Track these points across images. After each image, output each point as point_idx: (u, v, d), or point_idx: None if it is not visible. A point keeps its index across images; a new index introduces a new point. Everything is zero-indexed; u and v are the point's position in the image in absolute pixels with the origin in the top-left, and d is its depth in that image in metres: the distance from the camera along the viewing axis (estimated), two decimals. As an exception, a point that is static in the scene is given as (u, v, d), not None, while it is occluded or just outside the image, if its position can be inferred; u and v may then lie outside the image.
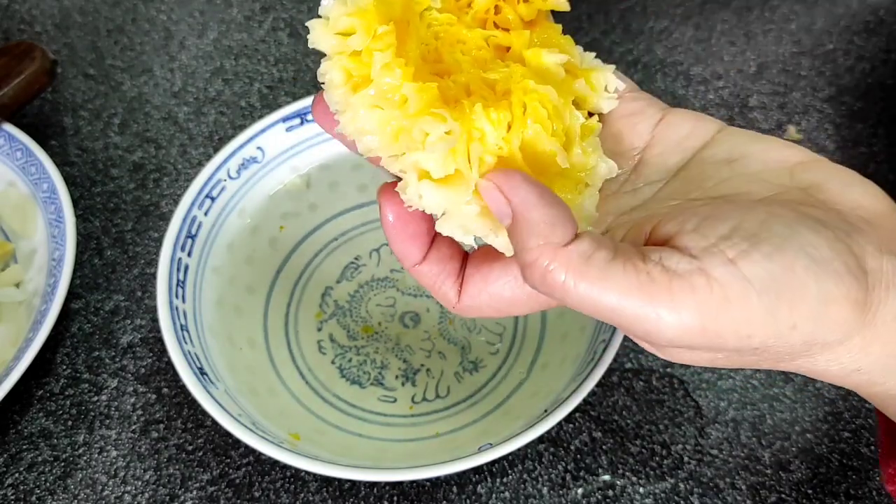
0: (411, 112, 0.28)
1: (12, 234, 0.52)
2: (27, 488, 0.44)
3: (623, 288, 0.27)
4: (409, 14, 0.31)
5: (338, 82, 0.29)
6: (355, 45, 0.29)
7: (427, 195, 0.29)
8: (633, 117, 0.36)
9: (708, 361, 0.29)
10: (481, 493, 0.43)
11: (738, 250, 0.27)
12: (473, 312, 0.33)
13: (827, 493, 0.43)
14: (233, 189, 0.49)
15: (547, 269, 0.27)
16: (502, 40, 0.33)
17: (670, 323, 0.26)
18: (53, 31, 0.66)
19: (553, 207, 0.28)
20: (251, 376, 0.45)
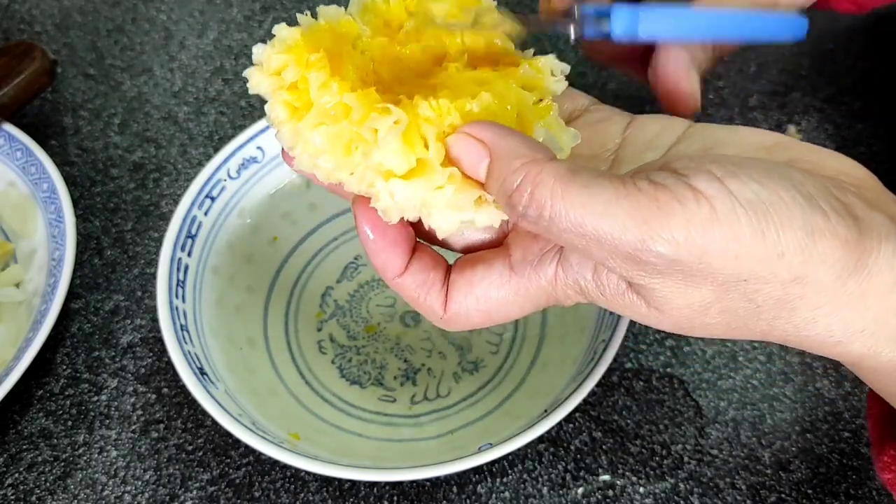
0: (357, 118, 0.28)
1: (12, 234, 0.52)
2: (27, 488, 0.44)
3: (609, 197, 0.26)
4: (341, 45, 0.31)
5: (283, 117, 0.29)
6: (290, 77, 0.29)
7: (399, 192, 0.29)
8: (600, 124, 0.36)
9: (702, 309, 0.28)
10: (481, 493, 0.43)
11: (726, 170, 0.26)
12: (462, 322, 0.32)
13: (827, 493, 0.43)
14: (233, 189, 0.49)
15: (535, 183, 0.26)
16: (438, 48, 0.33)
17: (658, 233, 0.26)
18: (53, 31, 0.66)
19: (530, 139, 0.28)
20: (251, 376, 0.45)
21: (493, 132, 0.28)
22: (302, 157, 0.29)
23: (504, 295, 0.31)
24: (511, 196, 0.27)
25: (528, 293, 0.31)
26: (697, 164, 0.27)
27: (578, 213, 0.26)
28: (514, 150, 0.27)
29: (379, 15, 0.33)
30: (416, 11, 0.33)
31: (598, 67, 0.63)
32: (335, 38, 0.31)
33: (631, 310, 0.29)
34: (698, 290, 0.27)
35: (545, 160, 0.27)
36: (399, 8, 0.33)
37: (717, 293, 0.27)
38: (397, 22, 0.33)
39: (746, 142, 0.32)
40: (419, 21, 0.33)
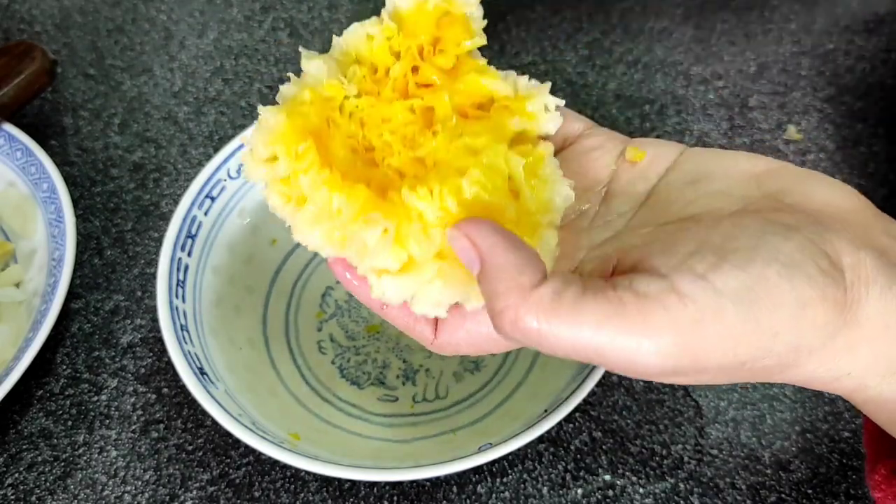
0: (346, 220, 0.29)
1: (12, 234, 0.52)
2: (27, 488, 0.44)
3: (596, 320, 0.26)
4: (328, 113, 0.32)
5: (279, 206, 0.31)
6: (282, 171, 0.30)
7: (391, 290, 0.30)
8: (594, 152, 0.36)
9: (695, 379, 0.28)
10: (481, 493, 0.43)
11: (707, 264, 0.26)
12: (451, 349, 0.32)
13: (827, 493, 0.43)
14: (233, 189, 0.49)
15: (518, 313, 0.27)
16: (426, 102, 0.33)
17: (649, 349, 0.26)
18: (53, 31, 0.66)
19: (520, 251, 0.28)
20: (251, 376, 0.45)
21: (489, 244, 0.28)
22: (301, 240, 0.31)
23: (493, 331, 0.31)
24: (495, 317, 0.27)
25: None
26: (678, 261, 0.27)
27: (567, 341, 0.26)
28: (503, 272, 0.27)
29: (363, 61, 0.33)
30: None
31: (600, 68, 0.63)
32: (321, 106, 0.31)
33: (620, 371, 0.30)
34: (698, 375, 0.28)
35: (529, 288, 0.27)
36: (383, 51, 0.33)
37: (714, 374, 0.28)
38: (383, 66, 0.33)
39: (736, 171, 0.32)
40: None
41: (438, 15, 0.33)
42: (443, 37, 0.33)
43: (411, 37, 0.33)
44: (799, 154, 0.57)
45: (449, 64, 0.33)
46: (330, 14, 0.67)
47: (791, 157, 0.57)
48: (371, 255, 0.29)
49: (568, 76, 0.62)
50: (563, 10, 0.67)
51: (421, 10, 0.33)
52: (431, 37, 0.33)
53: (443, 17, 0.33)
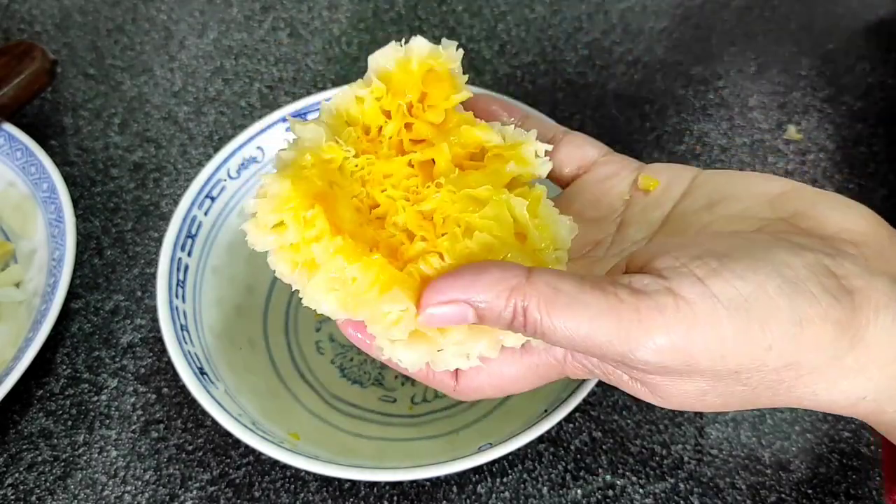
0: (363, 290, 0.30)
1: (12, 234, 0.52)
2: (27, 488, 0.44)
3: (593, 312, 0.26)
4: (330, 176, 0.32)
5: (288, 273, 0.31)
6: (291, 239, 0.30)
7: (405, 357, 0.30)
8: (608, 181, 0.36)
9: (699, 395, 0.28)
10: (481, 493, 0.43)
11: (708, 269, 0.26)
12: (475, 394, 0.32)
13: (827, 492, 0.43)
14: (233, 189, 0.49)
15: (525, 309, 0.27)
16: (424, 155, 0.34)
17: (641, 343, 0.26)
18: (53, 31, 0.66)
19: (490, 265, 0.28)
20: (251, 376, 0.45)
21: (462, 283, 0.28)
22: (312, 305, 0.31)
23: (515, 371, 0.32)
24: (511, 324, 0.28)
25: (538, 370, 0.32)
26: (680, 264, 0.27)
27: (566, 329, 0.27)
28: (492, 286, 0.28)
29: (355, 122, 0.34)
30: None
31: (600, 68, 0.63)
32: (322, 169, 0.32)
33: (636, 393, 0.30)
34: (692, 382, 0.28)
35: (524, 283, 0.27)
36: (374, 110, 0.34)
37: (710, 383, 0.28)
38: (375, 125, 0.34)
39: (751, 193, 0.32)
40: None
41: (423, 72, 0.34)
42: (430, 92, 0.34)
43: (400, 95, 0.34)
44: (799, 154, 0.57)
45: (439, 119, 0.34)
46: (330, 14, 0.67)
47: (791, 157, 0.57)
48: (390, 330, 0.29)
49: (568, 76, 0.62)
50: (563, 10, 0.67)
51: (406, 69, 0.34)
52: (419, 93, 0.34)
53: (428, 74, 0.34)
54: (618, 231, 0.34)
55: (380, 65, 0.34)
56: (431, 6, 0.67)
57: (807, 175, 0.56)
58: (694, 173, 0.34)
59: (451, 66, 0.34)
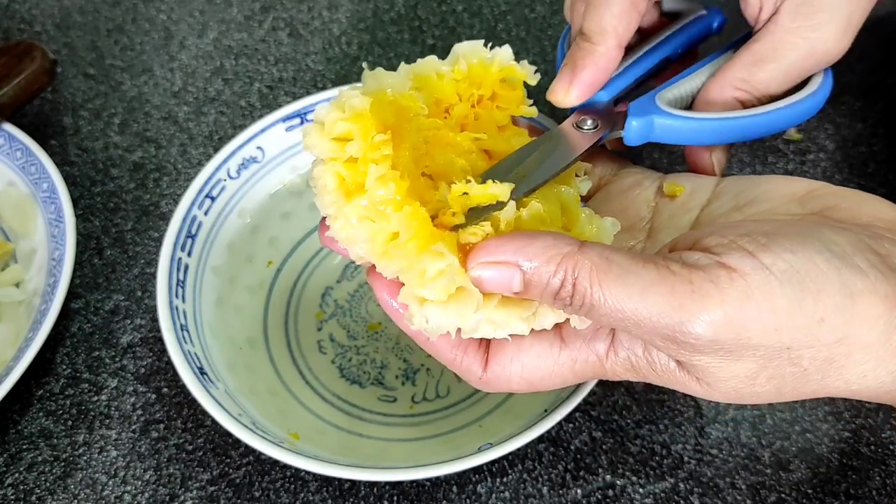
0: (402, 241, 0.28)
1: (12, 233, 0.52)
2: (27, 488, 0.44)
3: (645, 283, 0.26)
4: (402, 119, 0.31)
5: (331, 188, 0.29)
6: (353, 151, 0.29)
7: (434, 318, 0.28)
8: (631, 191, 0.36)
9: (749, 379, 0.28)
10: (481, 493, 0.43)
11: (758, 244, 0.26)
12: (501, 385, 0.31)
13: (827, 492, 0.43)
14: (233, 189, 0.49)
15: (575, 279, 0.26)
16: (486, 144, 0.34)
17: (695, 315, 0.26)
18: (53, 31, 0.66)
19: (544, 233, 0.28)
20: (251, 376, 0.45)
21: (514, 245, 0.27)
22: (339, 232, 0.30)
23: (551, 366, 0.31)
24: (557, 294, 0.27)
25: (575, 366, 0.31)
26: (729, 241, 0.27)
27: (616, 300, 0.26)
28: (544, 251, 0.27)
29: (431, 91, 0.34)
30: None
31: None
32: (398, 111, 0.31)
33: (682, 386, 0.29)
34: (742, 362, 0.27)
35: (576, 251, 0.27)
36: (451, 88, 0.34)
37: (761, 363, 0.27)
38: (447, 102, 0.34)
39: (778, 194, 0.32)
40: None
41: (500, 77, 0.35)
42: (502, 96, 0.35)
43: (475, 86, 0.35)
44: (799, 154, 0.57)
45: (504, 121, 0.35)
46: (330, 14, 0.67)
47: (791, 157, 0.57)
48: (428, 287, 0.28)
49: (568, 76, 0.62)
50: (563, 10, 0.66)
51: (486, 68, 0.35)
52: (491, 92, 0.35)
53: (503, 81, 0.36)
54: (648, 237, 0.34)
55: (466, 53, 0.35)
56: (431, 6, 0.67)
57: (807, 175, 0.56)
58: (716, 179, 0.34)
59: (528, 80, 0.36)
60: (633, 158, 0.57)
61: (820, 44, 0.37)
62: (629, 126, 0.37)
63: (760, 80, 0.37)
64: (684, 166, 0.56)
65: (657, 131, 0.37)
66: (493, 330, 0.29)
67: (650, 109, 0.37)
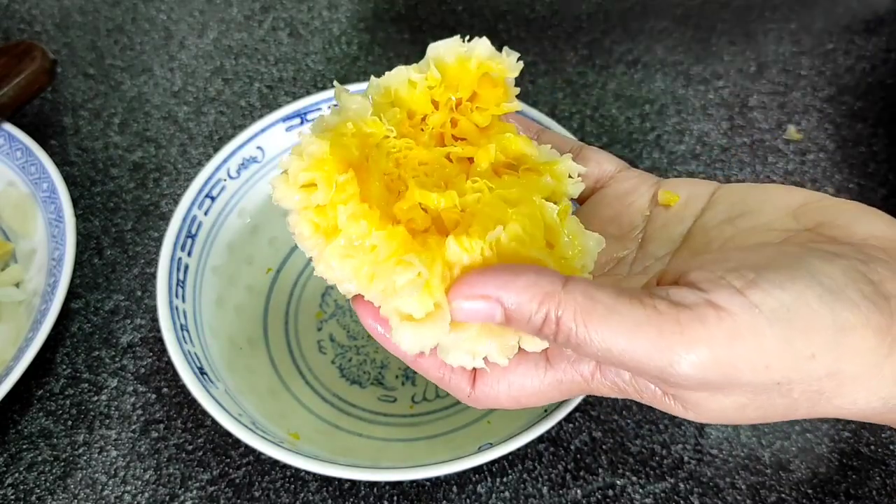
0: (381, 259, 0.29)
1: (12, 233, 0.52)
2: (27, 488, 0.44)
3: (631, 324, 0.26)
4: (367, 150, 0.31)
5: (307, 235, 0.30)
6: (318, 200, 0.29)
7: (408, 337, 0.29)
8: (627, 196, 0.36)
9: (737, 410, 0.28)
10: (481, 493, 0.43)
11: (745, 280, 0.26)
12: (490, 402, 0.31)
13: (827, 492, 0.43)
14: (233, 189, 0.49)
15: (559, 318, 0.26)
16: (463, 153, 0.33)
17: (682, 357, 0.25)
18: (53, 31, 0.66)
19: (527, 268, 0.27)
20: (251, 376, 0.45)
21: (497, 281, 0.27)
22: (324, 273, 0.30)
23: (537, 385, 0.31)
24: (540, 330, 0.27)
25: (561, 386, 0.31)
26: (717, 276, 0.26)
27: (602, 340, 0.26)
28: (526, 289, 0.27)
29: (402, 105, 0.33)
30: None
31: (600, 67, 0.63)
32: (361, 140, 0.31)
33: (670, 410, 0.29)
34: (731, 397, 0.27)
35: (559, 290, 0.26)
36: (424, 98, 0.33)
37: (750, 397, 0.27)
38: (421, 113, 0.34)
39: (773, 206, 0.31)
40: None
41: (480, 73, 0.34)
42: (482, 95, 0.34)
43: (452, 89, 0.34)
44: (799, 154, 0.57)
45: (486, 122, 0.34)
46: (330, 14, 0.67)
47: (791, 157, 0.57)
48: (399, 296, 0.28)
49: (568, 76, 0.62)
50: (563, 10, 0.67)
51: (464, 66, 0.34)
52: (471, 92, 0.34)
53: (483, 77, 0.34)
54: (640, 247, 0.34)
55: (439, 54, 0.34)
56: (431, 6, 0.67)
57: (807, 175, 0.56)
58: (713, 188, 0.34)
59: (508, 74, 0.34)
60: (632, 159, 0.57)
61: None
62: None
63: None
64: (684, 166, 0.56)
65: None
66: (471, 359, 0.30)
67: None
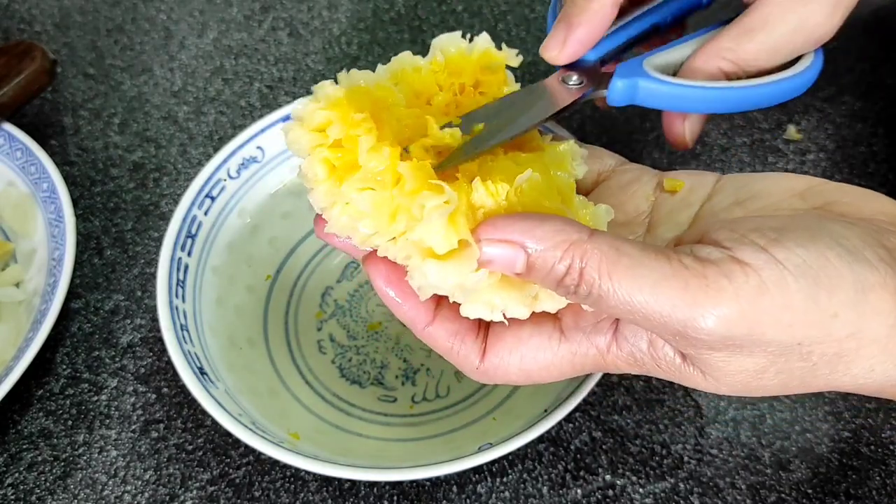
0: (408, 189, 0.27)
1: (12, 233, 0.52)
2: (27, 488, 0.44)
3: (657, 277, 0.25)
4: (380, 108, 0.31)
5: (322, 176, 0.28)
6: (335, 134, 0.28)
7: (433, 274, 0.27)
8: (629, 186, 0.36)
9: (755, 374, 0.27)
10: (481, 493, 0.43)
11: (769, 239, 0.26)
12: (499, 376, 0.31)
13: (827, 492, 0.43)
14: (233, 189, 0.49)
15: (582, 269, 0.26)
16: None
17: (709, 311, 0.25)
18: (53, 31, 0.66)
19: (554, 216, 0.27)
20: (251, 376, 0.45)
21: (523, 226, 0.27)
22: (339, 219, 0.28)
23: (550, 358, 0.30)
24: (561, 281, 0.27)
25: (574, 359, 0.30)
26: (740, 235, 0.26)
27: (626, 293, 0.26)
28: (552, 236, 0.26)
29: (409, 84, 0.34)
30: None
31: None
32: (374, 101, 0.31)
33: (688, 380, 0.29)
34: (752, 358, 0.27)
35: (585, 239, 0.26)
36: (430, 79, 0.34)
37: (771, 358, 0.27)
38: (427, 94, 0.34)
39: (779, 189, 0.31)
40: None
41: (481, 64, 0.35)
42: (484, 81, 0.35)
43: (455, 75, 0.34)
44: (799, 154, 0.57)
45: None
46: (330, 14, 0.67)
47: (791, 157, 0.57)
48: (425, 223, 0.27)
49: (568, 76, 0.62)
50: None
51: (465, 57, 0.34)
52: (473, 79, 0.35)
53: (484, 69, 0.35)
54: (648, 232, 0.34)
55: (443, 45, 0.34)
56: (431, 6, 0.67)
57: (807, 175, 0.56)
58: (716, 177, 0.34)
59: (509, 62, 0.35)
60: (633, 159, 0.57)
61: (810, 19, 0.37)
62: (614, 86, 0.37)
63: (748, 51, 0.37)
64: (684, 166, 0.56)
65: (641, 94, 0.37)
66: (489, 312, 0.28)
67: (637, 72, 0.37)
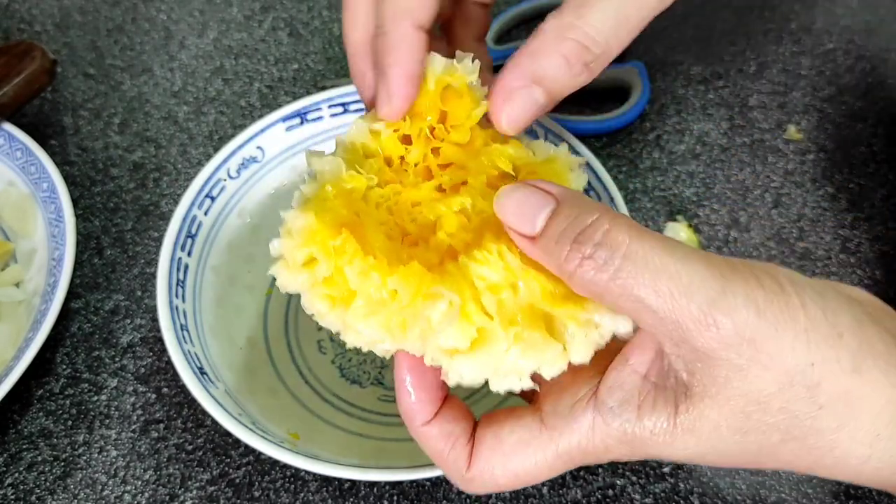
0: (406, 302, 0.27)
1: (12, 233, 0.52)
2: (27, 488, 0.44)
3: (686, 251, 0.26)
4: (355, 206, 0.30)
5: (325, 311, 0.29)
6: (323, 273, 0.28)
7: (467, 370, 0.27)
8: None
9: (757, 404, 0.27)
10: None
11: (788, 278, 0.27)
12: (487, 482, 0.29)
13: (827, 492, 0.43)
14: (233, 188, 0.49)
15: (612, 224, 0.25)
16: (451, 181, 0.32)
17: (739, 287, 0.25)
18: (53, 31, 0.66)
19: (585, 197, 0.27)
20: (251, 376, 0.45)
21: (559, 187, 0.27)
22: (356, 342, 0.29)
23: (533, 452, 0.29)
24: (583, 232, 0.26)
25: (558, 450, 0.29)
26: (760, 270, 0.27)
27: (659, 256, 0.25)
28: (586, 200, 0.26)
29: (372, 155, 0.32)
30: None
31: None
32: (346, 200, 0.30)
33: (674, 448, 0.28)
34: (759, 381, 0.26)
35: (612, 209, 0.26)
36: (393, 142, 0.32)
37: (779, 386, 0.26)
38: (397, 155, 0.32)
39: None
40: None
41: (441, 90, 0.32)
42: (451, 111, 0.33)
43: (420, 119, 0.32)
44: (799, 154, 0.57)
45: (465, 138, 0.33)
46: (330, 14, 0.67)
47: (791, 157, 0.57)
48: (437, 332, 0.27)
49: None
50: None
51: (423, 90, 0.32)
52: (439, 113, 0.33)
53: (445, 91, 0.33)
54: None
55: None
56: (431, 6, 0.67)
57: (807, 175, 0.56)
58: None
59: (468, 79, 0.32)
60: (633, 159, 0.57)
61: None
62: None
63: (593, 24, 0.33)
64: (684, 166, 0.56)
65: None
66: (517, 380, 0.28)
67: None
